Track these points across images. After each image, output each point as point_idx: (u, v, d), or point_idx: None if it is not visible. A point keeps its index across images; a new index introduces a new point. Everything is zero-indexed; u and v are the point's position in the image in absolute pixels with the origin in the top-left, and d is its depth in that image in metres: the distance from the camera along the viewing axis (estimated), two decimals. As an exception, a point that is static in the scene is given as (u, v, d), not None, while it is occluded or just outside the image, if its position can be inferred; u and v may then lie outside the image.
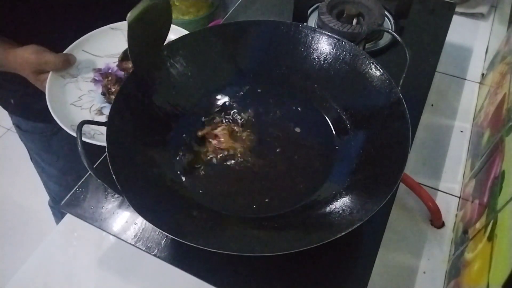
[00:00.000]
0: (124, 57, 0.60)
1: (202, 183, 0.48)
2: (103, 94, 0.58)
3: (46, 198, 0.92)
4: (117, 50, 0.61)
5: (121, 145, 0.44)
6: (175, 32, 0.62)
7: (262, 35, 0.56)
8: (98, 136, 0.52)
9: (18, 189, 1.47)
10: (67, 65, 0.58)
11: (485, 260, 0.38)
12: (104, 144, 0.48)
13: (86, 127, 0.52)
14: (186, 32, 0.57)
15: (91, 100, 0.57)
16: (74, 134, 0.50)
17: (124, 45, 0.61)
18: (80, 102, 0.57)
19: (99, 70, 0.60)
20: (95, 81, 0.59)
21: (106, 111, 0.57)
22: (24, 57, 0.55)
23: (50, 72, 0.56)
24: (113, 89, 0.57)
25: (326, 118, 0.53)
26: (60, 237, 0.53)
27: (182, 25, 0.61)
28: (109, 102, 0.57)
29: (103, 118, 0.55)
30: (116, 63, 0.60)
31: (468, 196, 0.54)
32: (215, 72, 0.56)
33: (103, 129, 0.53)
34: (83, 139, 0.49)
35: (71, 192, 0.51)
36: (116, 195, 0.51)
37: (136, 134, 0.47)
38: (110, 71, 0.60)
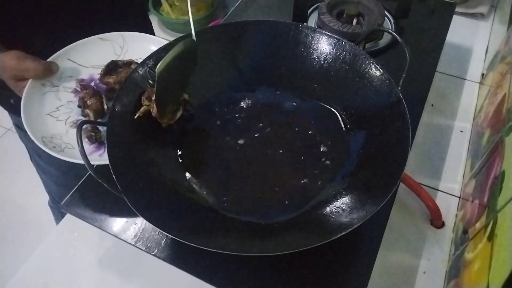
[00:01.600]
0: (106, 71, 0.58)
1: (202, 183, 0.48)
2: (79, 106, 0.56)
3: (46, 198, 0.92)
4: (103, 61, 0.59)
5: (121, 145, 0.44)
6: (158, 45, 0.61)
7: (262, 35, 0.56)
8: (68, 151, 0.50)
9: (18, 189, 1.47)
10: (48, 73, 0.56)
11: (485, 260, 0.38)
12: (72, 160, 0.48)
13: (57, 140, 0.51)
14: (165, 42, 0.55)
15: (68, 111, 0.56)
16: (43, 147, 0.49)
17: (111, 57, 0.60)
18: (57, 112, 0.55)
19: (82, 80, 0.59)
20: (76, 91, 0.57)
21: None
22: (4, 62, 0.54)
23: (30, 79, 0.55)
24: (89, 103, 0.55)
25: (326, 118, 0.53)
26: (60, 237, 0.53)
27: (182, 25, 0.61)
28: (84, 116, 0.55)
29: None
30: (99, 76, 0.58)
31: (468, 196, 0.54)
32: (215, 72, 0.56)
33: (75, 143, 0.53)
34: (52, 152, 0.48)
35: (71, 192, 0.51)
36: (116, 195, 0.50)
37: (136, 134, 0.47)
38: (93, 82, 0.58)
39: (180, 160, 0.49)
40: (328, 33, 0.53)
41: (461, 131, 0.66)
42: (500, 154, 0.45)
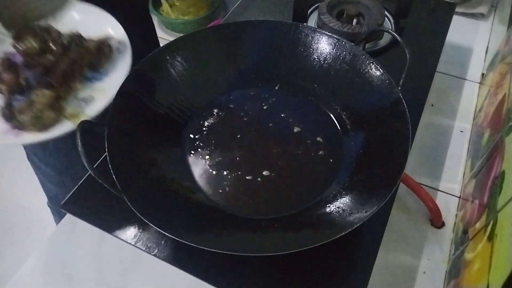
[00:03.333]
0: (16, 35, 0.52)
1: (202, 183, 0.48)
2: None
3: (46, 198, 0.92)
4: None
5: (121, 145, 0.44)
6: (80, 12, 0.57)
7: (262, 35, 0.56)
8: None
9: (18, 189, 1.47)
10: None
11: (485, 260, 0.38)
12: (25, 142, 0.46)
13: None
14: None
15: None
16: None
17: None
18: None
19: (8, 54, 0.52)
20: None
21: None
22: None
23: None
24: (5, 78, 0.49)
25: (326, 118, 0.53)
26: (60, 237, 0.53)
27: (182, 25, 0.61)
28: (0, 93, 0.49)
29: None
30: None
31: (468, 196, 0.54)
32: (215, 72, 0.56)
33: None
34: None
35: (71, 192, 0.51)
36: (116, 195, 0.50)
37: (136, 134, 0.47)
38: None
39: (180, 160, 0.49)
40: (328, 33, 0.53)
41: (461, 131, 0.66)
42: (500, 154, 0.45)
